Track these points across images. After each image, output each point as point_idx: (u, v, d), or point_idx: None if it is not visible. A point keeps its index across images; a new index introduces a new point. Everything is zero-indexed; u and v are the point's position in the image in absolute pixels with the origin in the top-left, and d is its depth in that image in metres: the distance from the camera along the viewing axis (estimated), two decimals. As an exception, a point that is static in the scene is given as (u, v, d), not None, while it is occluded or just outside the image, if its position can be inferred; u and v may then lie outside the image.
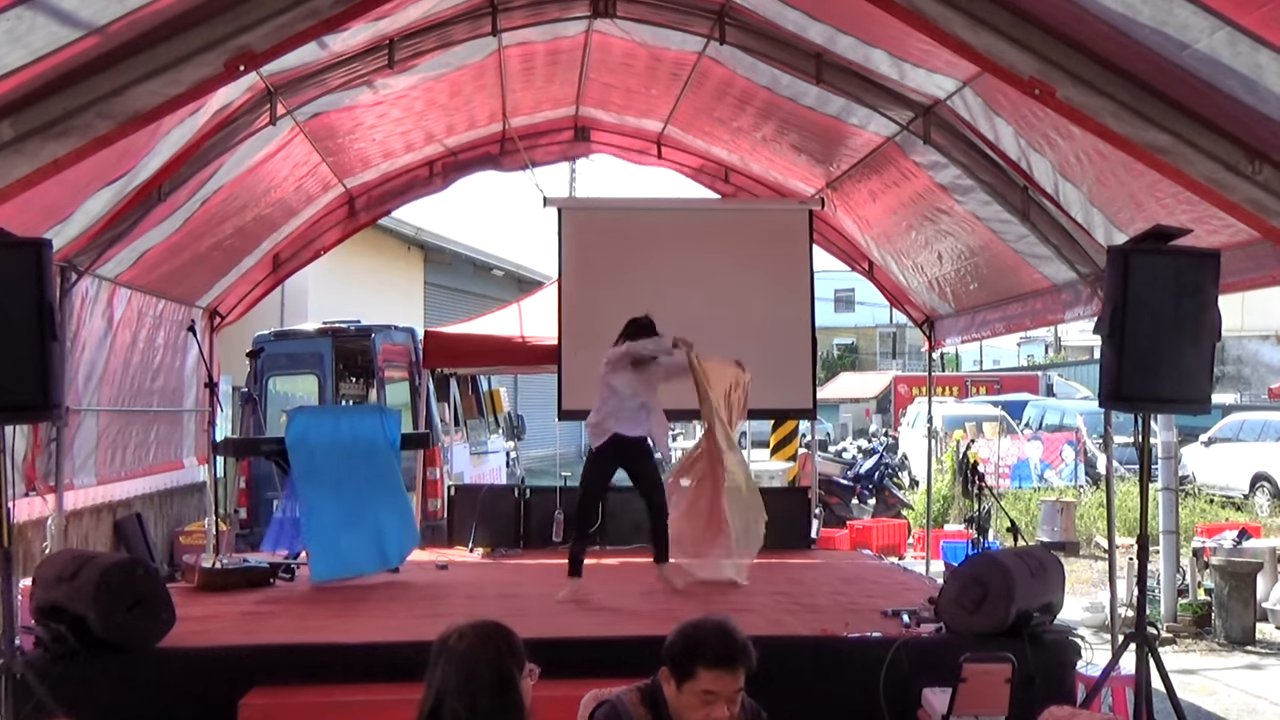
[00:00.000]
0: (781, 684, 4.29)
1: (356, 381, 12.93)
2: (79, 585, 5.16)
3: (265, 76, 6.58)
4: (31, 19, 4.18)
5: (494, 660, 2.64)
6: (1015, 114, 6.31)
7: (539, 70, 8.92)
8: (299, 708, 5.12)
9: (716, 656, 2.86)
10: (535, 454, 19.97)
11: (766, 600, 6.96)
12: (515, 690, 2.65)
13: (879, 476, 17.92)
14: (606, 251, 9.79)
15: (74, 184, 5.93)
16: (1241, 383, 28.32)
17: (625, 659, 4.47)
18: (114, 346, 8.14)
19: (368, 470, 7.74)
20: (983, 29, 4.78)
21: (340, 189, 9.81)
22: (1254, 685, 8.21)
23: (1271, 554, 10.39)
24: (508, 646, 2.69)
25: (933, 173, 7.85)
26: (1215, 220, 5.41)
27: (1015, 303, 8.70)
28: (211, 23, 4.68)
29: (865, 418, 34.74)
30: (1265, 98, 4.32)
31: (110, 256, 7.31)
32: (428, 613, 6.40)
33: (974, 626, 5.53)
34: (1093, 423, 19.95)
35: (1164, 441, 10.67)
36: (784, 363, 9.77)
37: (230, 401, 12.61)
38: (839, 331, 50.69)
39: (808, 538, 9.99)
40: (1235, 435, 18.81)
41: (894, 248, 9.81)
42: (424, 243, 20.14)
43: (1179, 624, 9.89)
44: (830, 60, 7.08)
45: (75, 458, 7.72)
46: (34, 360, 4.39)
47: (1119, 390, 4.86)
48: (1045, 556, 6.12)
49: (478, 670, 2.62)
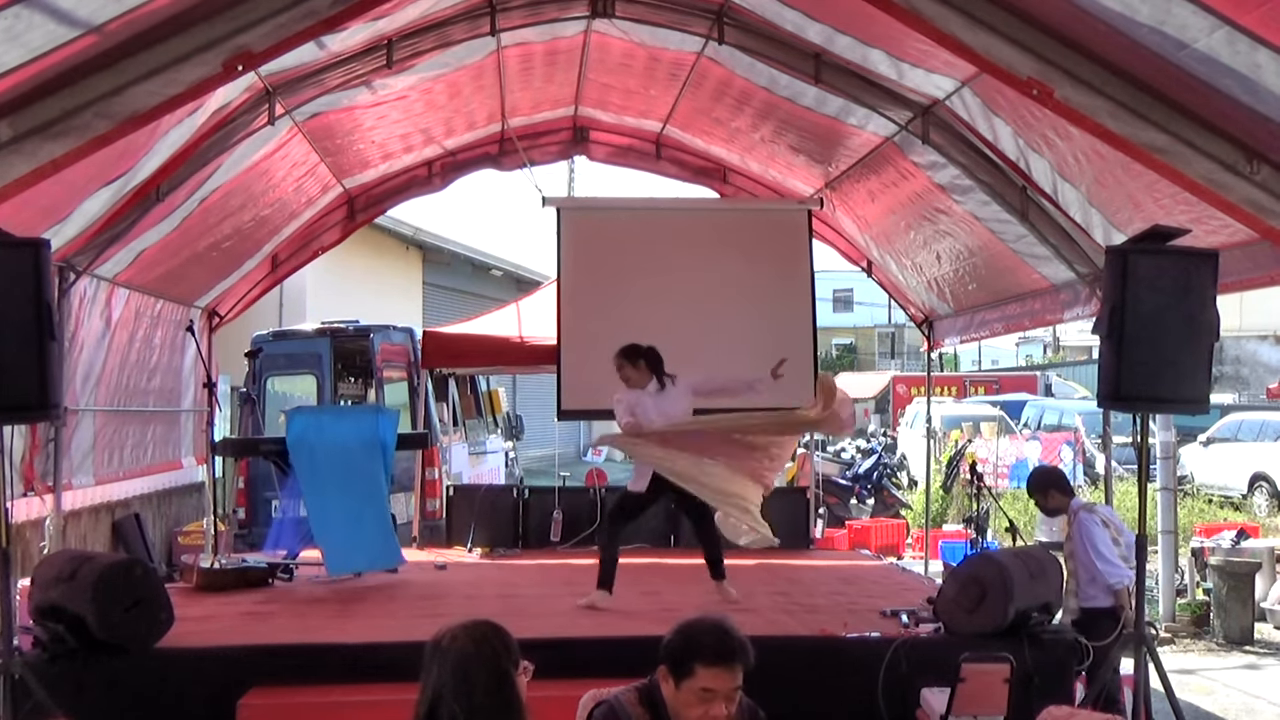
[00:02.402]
0: (780, 684, 4.29)
1: (355, 382, 12.93)
2: (77, 585, 5.15)
3: (264, 76, 6.58)
4: (29, 18, 4.18)
5: (489, 659, 2.64)
6: (1014, 114, 6.32)
7: (537, 70, 8.92)
8: (298, 708, 5.12)
9: (714, 654, 2.87)
10: (534, 454, 19.95)
11: (765, 600, 6.96)
12: (511, 688, 2.65)
13: (877, 476, 17.93)
14: (605, 251, 9.79)
15: (72, 184, 5.92)
16: (1240, 383, 28.31)
17: (624, 659, 4.46)
18: (112, 346, 8.14)
19: (368, 470, 7.74)
20: (981, 29, 4.78)
21: (339, 189, 9.81)
22: (1252, 685, 8.21)
23: (1270, 554, 10.40)
24: (502, 645, 2.68)
25: (931, 173, 7.86)
26: (1213, 220, 5.42)
27: (1014, 303, 8.71)
28: (210, 22, 4.68)
29: (864, 418, 34.70)
30: (1264, 97, 4.32)
31: (108, 256, 7.31)
32: (427, 613, 6.40)
33: (972, 626, 5.53)
34: (1091, 423, 19.94)
35: (1162, 441, 10.68)
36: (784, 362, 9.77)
37: (229, 401, 12.60)
38: (838, 331, 50.67)
39: (807, 537, 9.99)
40: (1234, 435, 18.80)
41: (893, 248, 9.81)
42: (422, 243, 20.13)
43: (1177, 624, 9.90)
44: (829, 60, 7.08)
45: (73, 458, 7.72)
46: (32, 360, 4.39)
47: (1117, 390, 4.87)
48: (1044, 557, 6.11)
49: (473, 670, 2.62)
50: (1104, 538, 6.08)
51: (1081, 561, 6.10)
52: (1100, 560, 6.01)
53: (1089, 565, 6.04)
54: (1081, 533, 6.11)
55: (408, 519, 10.80)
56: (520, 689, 2.68)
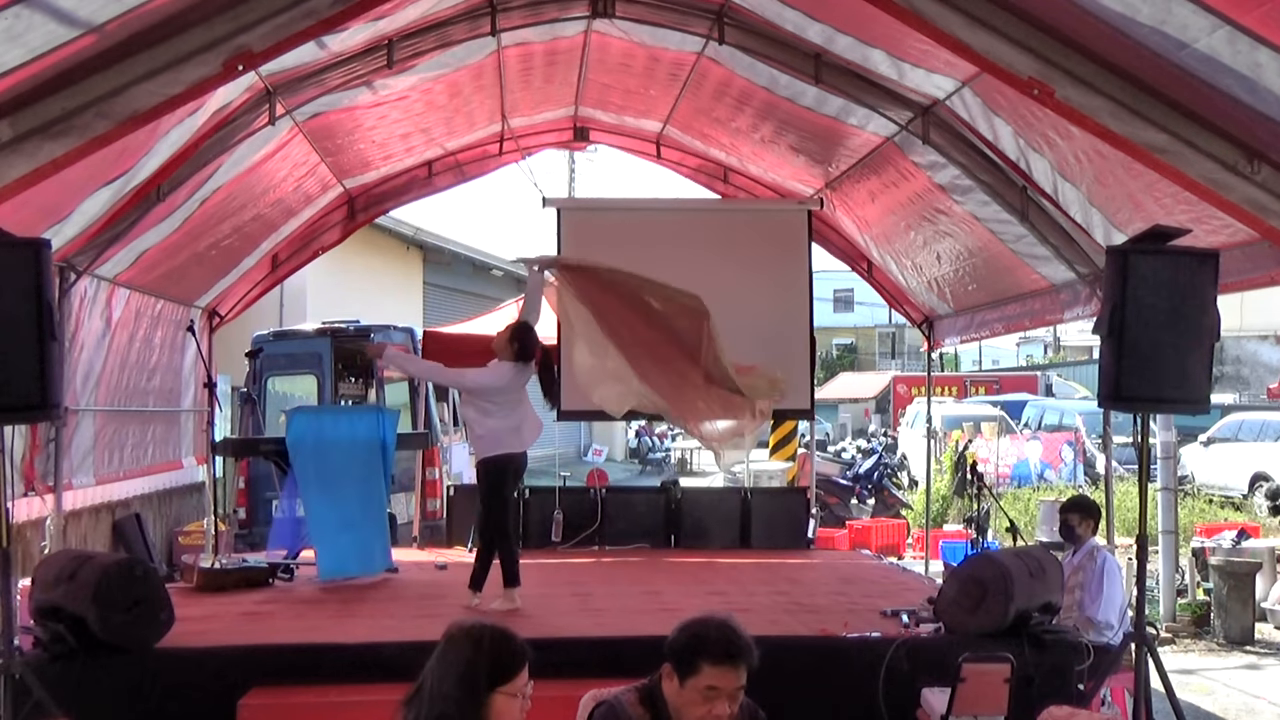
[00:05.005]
0: (780, 684, 4.29)
1: (355, 381, 12.92)
2: (78, 585, 5.15)
3: (264, 76, 6.58)
4: (29, 17, 4.18)
5: (470, 659, 2.64)
6: (1014, 114, 6.31)
7: (538, 70, 8.92)
8: (298, 708, 5.11)
9: (721, 653, 2.88)
10: (534, 454, 19.89)
11: (766, 600, 6.96)
12: (478, 694, 2.62)
13: (878, 476, 17.94)
14: (605, 252, 9.71)
15: (72, 184, 5.92)
16: (1240, 383, 28.29)
17: (625, 659, 4.47)
18: (112, 346, 8.14)
19: (368, 470, 7.74)
20: (981, 29, 4.78)
21: (339, 189, 9.81)
22: (1252, 685, 8.21)
23: (1270, 554, 10.41)
24: (489, 658, 2.66)
25: (931, 173, 7.85)
26: (1214, 220, 5.42)
27: (1014, 303, 8.71)
28: (210, 22, 4.68)
29: (864, 418, 34.74)
30: (1264, 97, 4.32)
31: (109, 256, 7.31)
32: (427, 613, 6.40)
33: (973, 626, 5.53)
34: (1092, 423, 19.95)
35: (1163, 441, 10.67)
36: (783, 363, 9.74)
37: (229, 401, 12.60)
38: (838, 331, 50.67)
39: (806, 538, 9.99)
40: (1234, 435, 18.80)
41: (893, 248, 9.81)
42: (423, 243, 20.14)
43: (1178, 624, 9.90)
44: (829, 60, 7.08)
45: (74, 458, 7.72)
46: (32, 360, 4.39)
47: (1118, 390, 4.86)
48: (1044, 557, 6.11)
49: (451, 665, 2.64)
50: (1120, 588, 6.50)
51: (1090, 594, 6.40)
52: (1107, 603, 6.36)
53: (1095, 599, 6.38)
54: (1107, 570, 6.48)
55: (408, 519, 10.81)
56: (499, 709, 2.64)
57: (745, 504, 9.87)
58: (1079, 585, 6.47)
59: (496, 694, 2.64)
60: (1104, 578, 6.45)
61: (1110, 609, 6.39)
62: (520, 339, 6.51)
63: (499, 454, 6.47)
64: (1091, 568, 6.52)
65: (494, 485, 6.52)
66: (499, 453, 6.47)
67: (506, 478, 6.55)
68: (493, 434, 6.49)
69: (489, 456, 6.49)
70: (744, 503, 9.90)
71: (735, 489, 11.89)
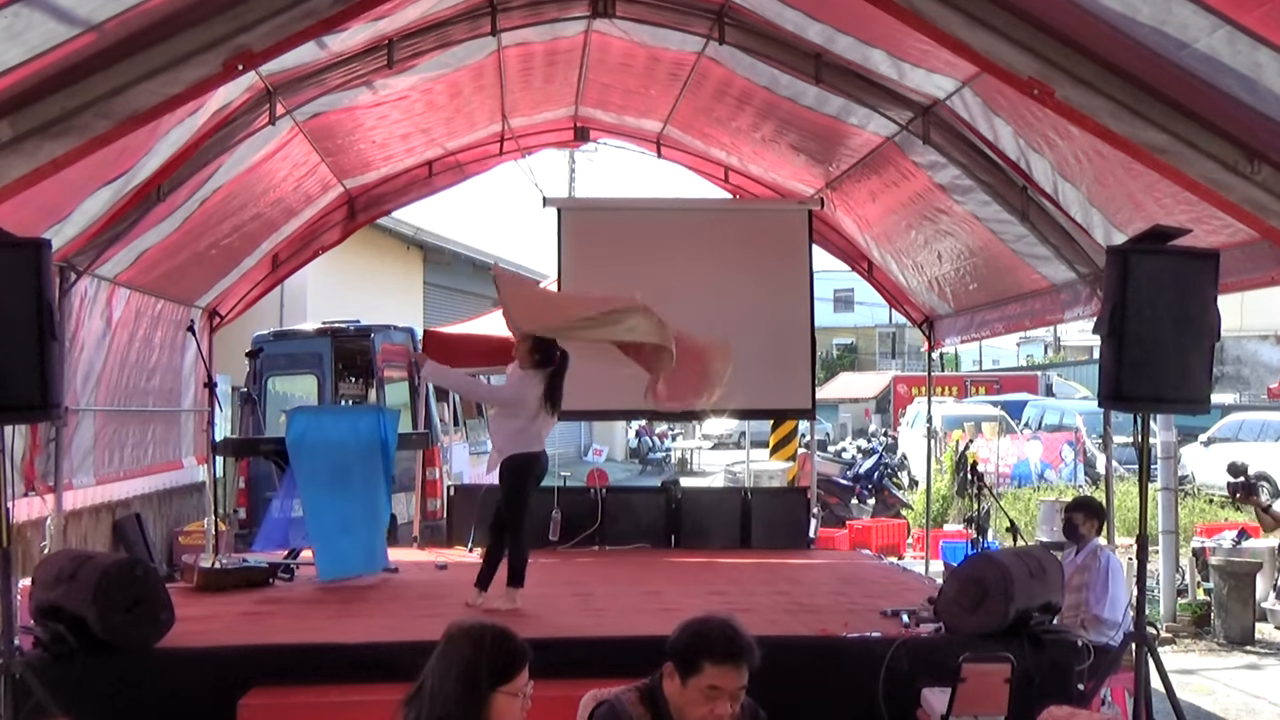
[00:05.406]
0: (781, 684, 4.29)
1: (356, 381, 12.93)
2: (78, 585, 5.14)
3: (264, 76, 6.58)
4: (29, 16, 4.18)
5: (471, 659, 2.64)
6: (1014, 114, 6.31)
7: (538, 70, 8.92)
8: (298, 708, 5.11)
9: (723, 652, 2.89)
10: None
11: (766, 600, 6.96)
12: (478, 694, 2.63)
13: (878, 476, 17.94)
14: (605, 252, 9.79)
15: (72, 184, 5.92)
16: (1241, 383, 28.28)
17: (625, 659, 4.46)
18: (113, 346, 8.14)
19: (368, 470, 7.74)
20: (981, 29, 4.78)
21: (339, 189, 9.81)
22: (1253, 685, 8.21)
23: (1270, 554, 10.40)
24: (489, 658, 2.66)
25: (932, 173, 7.85)
26: (1214, 220, 5.42)
27: (1014, 303, 8.71)
28: (210, 22, 4.68)
29: (865, 418, 34.75)
30: (1264, 97, 4.32)
31: (109, 256, 7.31)
32: (427, 613, 6.40)
33: (973, 626, 5.53)
34: (1092, 423, 19.93)
35: (1163, 441, 10.67)
36: (783, 363, 9.78)
37: (229, 401, 12.60)
38: (838, 331, 50.67)
39: (806, 537, 9.99)
40: (1234, 435, 18.80)
41: (893, 247, 9.81)
42: (423, 242, 20.14)
43: (1178, 624, 9.90)
44: (829, 60, 7.08)
45: (74, 458, 7.72)
46: (33, 360, 4.38)
47: (1118, 390, 4.86)
48: (1044, 557, 6.11)
49: (452, 664, 2.64)
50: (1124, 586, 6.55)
51: (1096, 593, 6.44)
52: (1112, 602, 6.39)
53: (1101, 599, 6.41)
54: (1111, 568, 6.52)
55: (408, 519, 10.80)
56: (500, 709, 2.65)
57: (745, 504, 9.87)
58: (1083, 585, 6.49)
59: (497, 693, 2.64)
60: (1109, 577, 6.48)
61: (1116, 608, 6.41)
62: (541, 350, 6.73)
63: (524, 452, 6.64)
64: (1095, 567, 6.54)
65: (516, 484, 6.66)
66: (524, 451, 6.64)
67: (529, 476, 6.71)
68: (520, 433, 6.68)
69: (514, 454, 6.65)
70: (744, 503, 9.90)
71: (735, 489, 11.91)
